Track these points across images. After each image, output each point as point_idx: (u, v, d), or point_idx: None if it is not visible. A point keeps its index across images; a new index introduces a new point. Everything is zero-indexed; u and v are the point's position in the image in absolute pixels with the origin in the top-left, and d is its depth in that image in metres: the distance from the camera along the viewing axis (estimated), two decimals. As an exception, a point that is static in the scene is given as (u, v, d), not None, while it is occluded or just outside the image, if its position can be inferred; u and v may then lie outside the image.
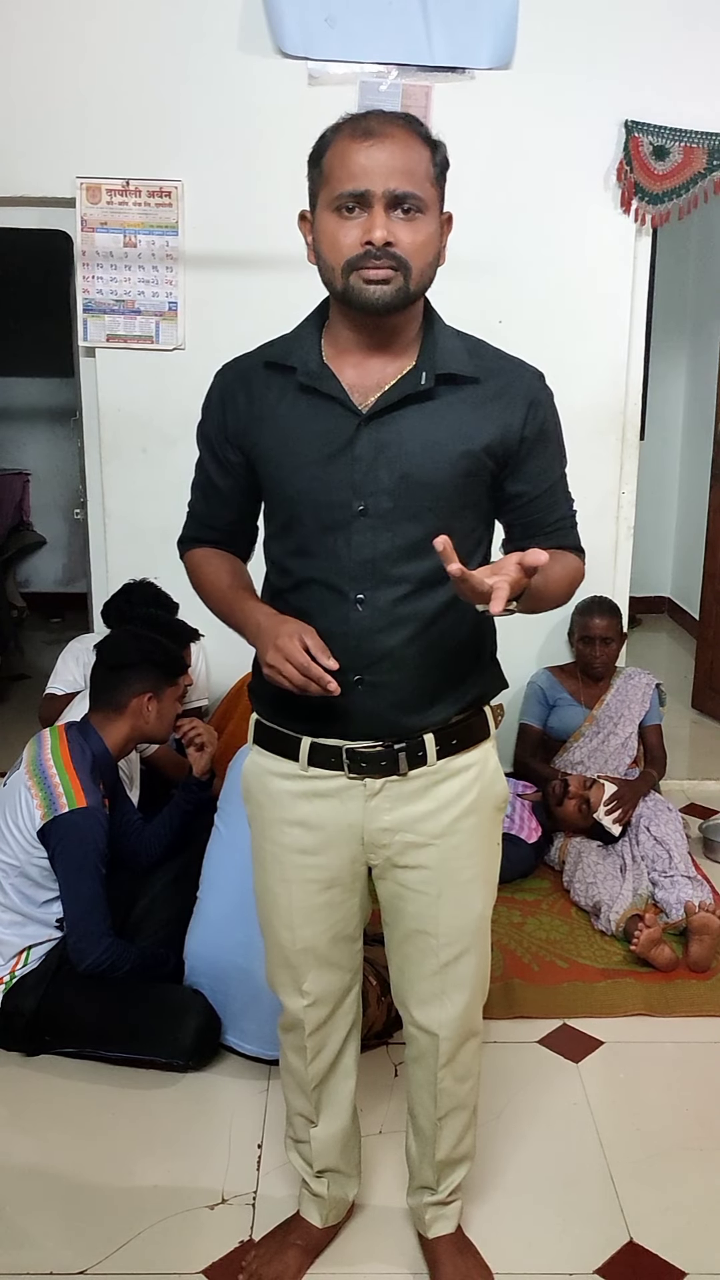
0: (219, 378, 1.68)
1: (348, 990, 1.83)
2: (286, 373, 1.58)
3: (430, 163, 1.50)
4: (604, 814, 3.31)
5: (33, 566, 6.42)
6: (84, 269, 3.57)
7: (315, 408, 1.55)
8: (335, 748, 1.63)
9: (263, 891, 1.79)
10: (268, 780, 1.71)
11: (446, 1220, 1.93)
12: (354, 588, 1.56)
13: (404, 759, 1.62)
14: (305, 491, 1.56)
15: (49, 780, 2.47)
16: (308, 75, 3.48)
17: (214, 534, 1.76)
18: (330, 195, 1.47)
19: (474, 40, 3.46)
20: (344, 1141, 1.94)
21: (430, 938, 1.72)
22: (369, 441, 1.53)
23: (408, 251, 1.47)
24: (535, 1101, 2.39)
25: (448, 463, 1.54)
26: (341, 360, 1.56)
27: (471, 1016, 1.80)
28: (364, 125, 1.46)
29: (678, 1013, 2.71)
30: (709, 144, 3.54)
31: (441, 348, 1.56)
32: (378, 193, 1.44)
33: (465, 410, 1.55)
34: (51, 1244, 2.01)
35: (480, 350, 1.61)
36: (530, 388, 1.61)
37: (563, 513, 1.69)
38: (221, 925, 2.50)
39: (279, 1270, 1.92)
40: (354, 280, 1.47)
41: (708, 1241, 2.02)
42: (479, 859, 1.72)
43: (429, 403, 1.54)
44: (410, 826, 1.66)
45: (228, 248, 3.56)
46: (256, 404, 1.61)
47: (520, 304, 3.65)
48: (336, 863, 1.70)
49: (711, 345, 4.97)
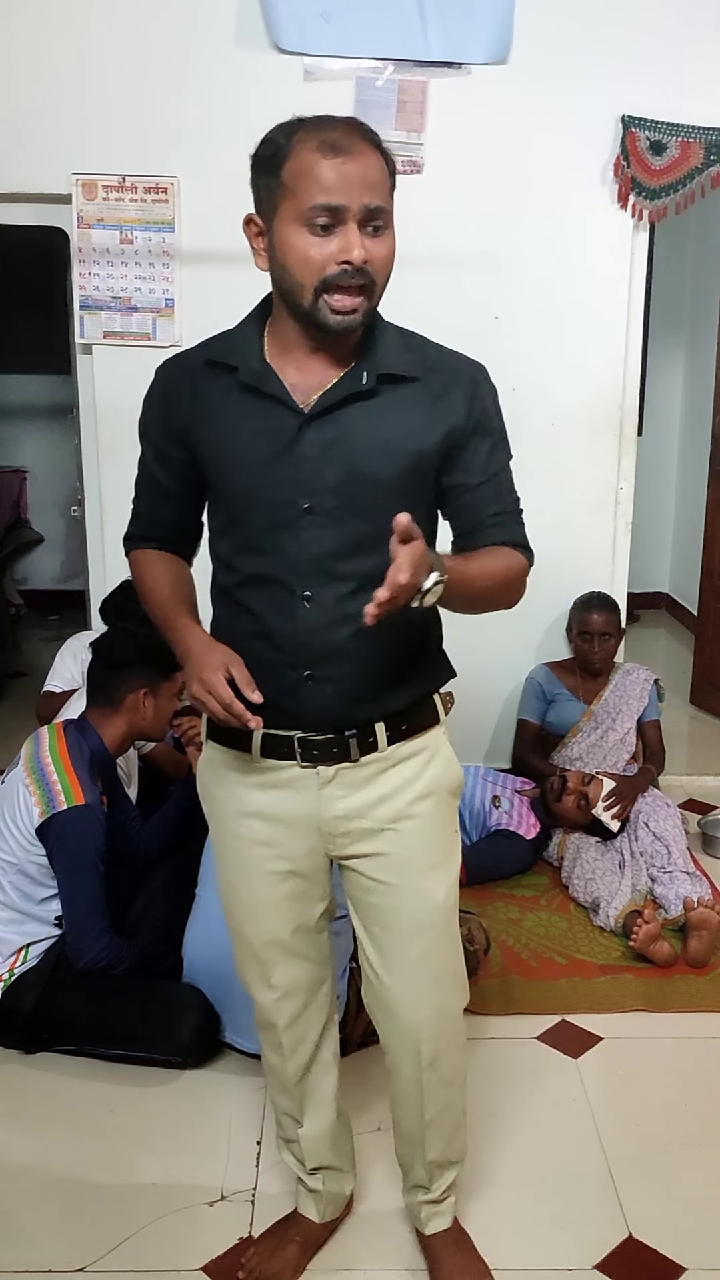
0: (160, 373, 1.69)
1: (319, 982, 1.83)
2: (228, 371, 1.58)
3: (387, 173, 1.50)
4: (602, 810, 3.31)
5: (30, 564, 6.41)
6: (80, 265, 3.56)
7: (258, 406, 1.56)
8: (287, 737, 1.64)
9: (225, 885, 1.80)
10: (222, 773, 1.73)
11: (442, 1216, 1.93)
12: (302, 585, 1.57)
13: (355, 745, 1.64)
14: (250, 490, 1.57)
15: (47, 778, 2.47)
16: (304, 71, 3.47)
17: (159, 531, 1.76)
18: (298, 209, 1.45)
19: (470, 35, 3.45)
20: (333, 1137, 1.94)
21: (396, 934, 1.72)
22: (313, 440, 1.54)
23: (378, 269, 1.48)
24: (534, 1097, 2.39)
25: (392, 460, 1.55)
26: (284, 359, 1.57)
27: (450, 1013, 1.78)
28: (330, 140, 1.44)
29: (676, 1008, 2.71)
30: (706, 139, 3.54)
31: (382, 347, 1.57)
32: (354, 208, 1.44)
33: (407, 407, 1.57)
34: (50, 1241, 2.01)
35: (421, 347, 1.62)
36: (471, 380, 1.61)
37: (504, 506, 1.66)
38: (220, 922, 2.46)
39: (278, 1266, 1.92)
40: (322, 304, 1.48)
41: (707, 1236, 2.03)
42: (438, 846, 1.72)
43: (371, 401, 1.55)
44: (364, 813, 1.67)
45: (224, 244, 3.54)
46: (200, 401, 1.61)
47: (517, 300, 3.64)
48: (295, 853, 1.71)
49: (709, 341, 4.96)
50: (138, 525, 1.79)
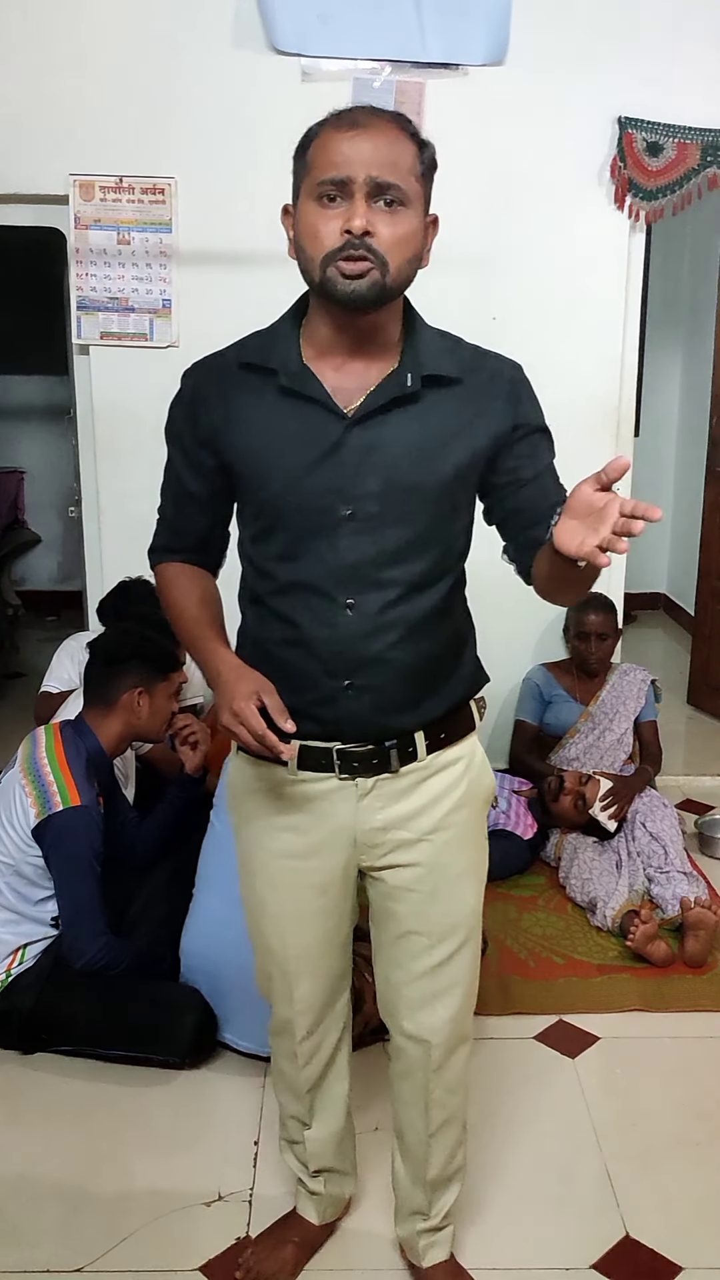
0: (189, 377, 1.64)
1: (339, 995, 1.81)
2: (265, 374, 1.53)
3: (416, 159, 1.46)
4: (599, 810, 3.31)
5: (28, 564, 6.40)
6: (77, 266, 3.56)
7: (297, 411, 1.51)
8: (326, 749, 1.60)
9: (252, 899, 1.76)
10: (254, 785, 1.68)
11: (440, 1247, 1.89)
12: (343, 593, 1.53)
13: (395, 756, 1.61)
14: (289, 496, 1.52)
15: (43, 778, 2.46)
16: (301, 72, 3.47)
17: (186, 541, 1.71)
18: (311, 184, 1.45)
19: (467, 37, 3.46)
20: (339, 1141, 1.93)
21: (422, 938, 1.69)
22: (355, 446, 1.50)
23: (386, 244, 1.43)
24: (531, 1097, 2.39)
25: (436, 465, 1.52)
26: (321, 362, 1.52)
27: (463, 1020, 1.77)
28: (350, 116, 1.44)
29: (674, 1008, 2.72)
30: (703, 140, 3.54)
31: (424, 348, 1.54)
32: (359, 180, 1.41)
33: (450, 411, 1.53)
34: (48, 1241, 2.01)
35: (460, 348, 1.59)
36: (511, 380, 1.59)
37: (558, 498, 1.62)
38: (217, 922, 2.50)
39: (276, 1267, 1.91)
40: (330, 272, 1.44)
41: (704, 1236, 2.03)
42: (470, 852, 1.71)
43: (414, 405, 1.51)
44: (402, 824, 1.64)
45: (221, 244, 3.56)
46: (232, 406, 1.56)
47: (514, 300, 3.65)
48: (328, 866, 1.67)
49: (706, 342, 4.97)
50: (163, 535, 1.73)
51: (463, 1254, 1.95)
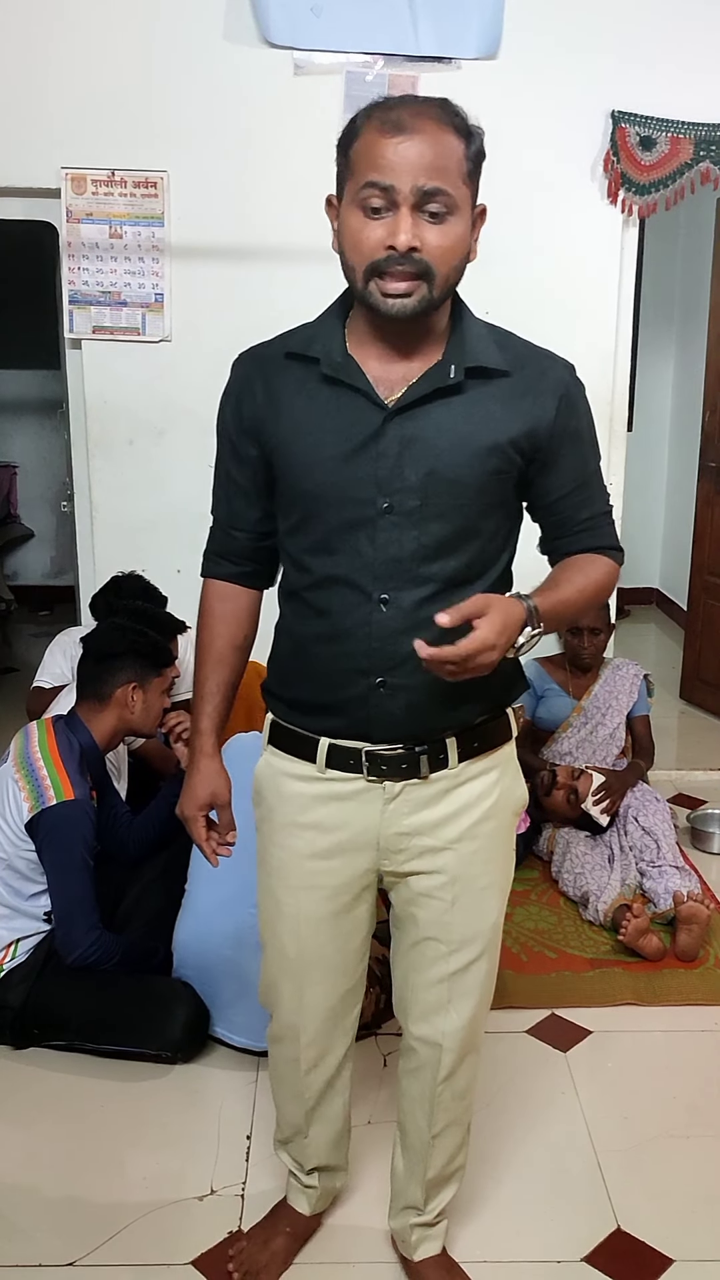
0: (237, 367, 1.61)
1: (350, 1008, 1.78)
2: (308, 363, 1.51)
3: (464, 156, 1.41)
4: (592, 804, 3.32)
5: (20, 559, 6.40)
6: (69, 260, 3.55)
7: (338, 400, 1.49)
8: (355, 749, 1.58)
9: (268, 899, 1.73)
10: (281, 782, 1.66)
11: (433, 1241, 1.89)
12: (378, 587, 1.50)
13: (425, 762, 1.58)
14: (327, 486, 1.49)
15: (36, 773, 2.46)
16: (294, 65, 3.46)
17: (238, 543, 1.68)
18: (355, 188, 1.39)
19: (460, 30, 3.45)
20: (336, 1143, 1.92)
21: (441, 944, 1.67)
22: (395, 436, 1.47)
23: (434, 257, 1.39)
24: (524, 1091, 2.39)
25: (477, 459, 1.49)
26: (365, 352, 1.49)
27: (476, 1029, 1.75)
28: (394, 117, 1.37)
29: (665, 1002, 2.72)
30: (696, 134, 3.54)
31: (470, 340, 1.50)
32: (405, 190, 1.36)
33: (495, 404, 1.50)
34: (40, 1235, 2.01)
35: (509, 342, 1.55)
36: (561, 380, 1.55)
37: (596, 509, 1.62)
38: (210, 917, 2.50)
39: (268, 1258, 1.91)
40: (373, 288, 1.41)
41: (695, 1229, 2.03)
42: (496, 865, 1.67)
43: (457, 397, 1.48)
44: (429, 831, 1.61)
45: (214, 238, 3.55)
46: (274, 394, 1.54)
47: (506, 294, 3.62)
48: (349, 869, 1.65)
49: (699, 337, 4.97)
50: (217, 540, 1.71)
51: (454, 1247, 1.95)
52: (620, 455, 3.84)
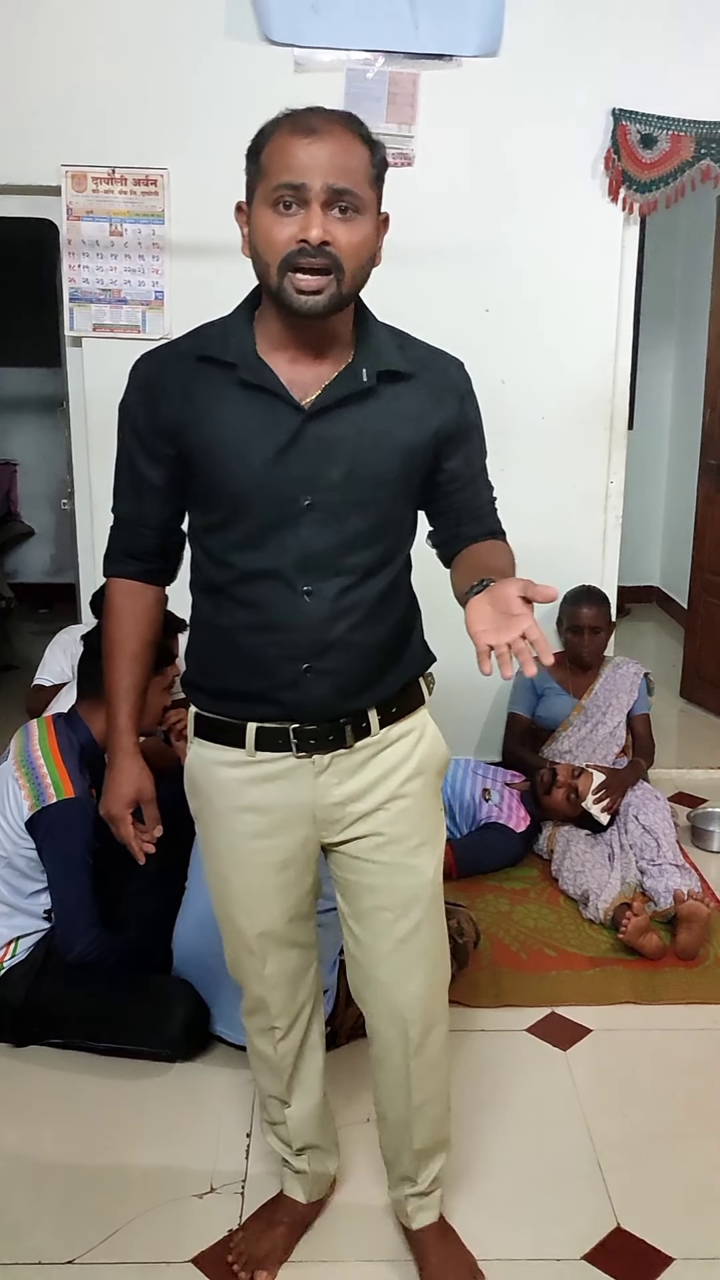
0: (143, 367, 1.64)
1: (307, 967, 1.85)
2: (224, 367, 1.56)
3: (369, 163, 1.49)
4: (592, 803, 3.32)
5: (20, 557, 6.39)
6: (70, 258, 3.55)
7: (256, 403, 1.54)
8: (283, 729, 1.65)
9: (217, 880, 1.80)
10: (213, 770, 1.72)
11: (429, 1210, 1.93)
12: (303, 580, 1.58)
13: (350, 731, 1.66)
14: (252, 487, 1.55)
15: (36, 771, 2.46)
16: (294, 62, 3.46)
17: (146, 541, 1.71)
18: (267, 188, 1.46)
19: (461, 28, 3.45)
20: (319, 1116, 1.96)
21: (387, 912, 1.73)
22: (314, 437, 1.54)
23: (344, 252, 1.46)
24: (523, 1089, 2.39)
25: (394, 456, 1.58)
26: (275, 355, 1.55)
27: (437, 997, 1.80)
28: (305, 121, 1.45)
29: (665, 1000, 2.72)
30: (697, 132, 3.54)
31: (377, 344, 1.58)
32: (316, 188, 1.43)
33: (404, 404, 1.59)
34: (40, 1233, 2.01)
35: (409, 343, 1.64)
36: (458, 378, 1.66)
37: (490, 496, 1.76)
38: (209, 915, 2.46)
39: (268, 1249, 1.93)
40: (287, 284, 1.47)
41: (695, 1227, 2.04)
42: (426, 823, 1.75)
43: (370, 398, 1.56)
44: (360, 796, 1.69)
45: (214, 236, 3.53)
46: (191, 397, 1.58)
47: (508, 292, 3.64)
48: (290, 843, 1.71)
49: (700, 335, 4.97)
50: (121, 539, 1.74)
51: (454, 1245, 1.95)
52: (621, 453, 3.84)
